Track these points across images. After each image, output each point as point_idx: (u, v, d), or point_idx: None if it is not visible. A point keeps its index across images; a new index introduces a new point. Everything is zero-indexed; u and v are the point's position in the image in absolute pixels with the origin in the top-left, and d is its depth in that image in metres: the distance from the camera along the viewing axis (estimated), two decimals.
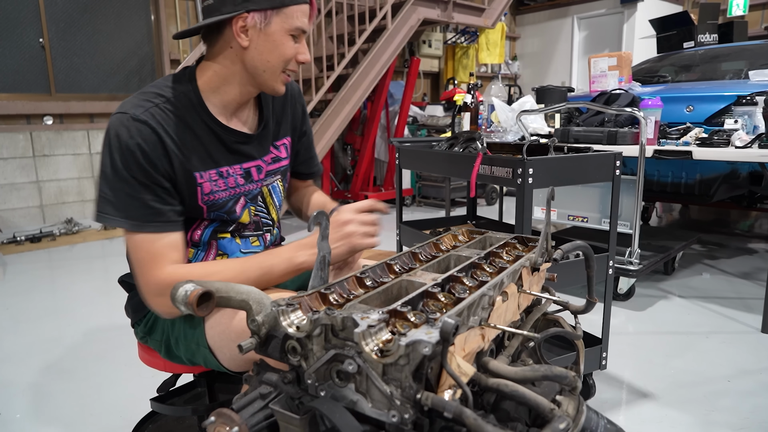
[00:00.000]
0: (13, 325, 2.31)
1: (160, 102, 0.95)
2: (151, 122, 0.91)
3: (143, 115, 0.91)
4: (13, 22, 3.92)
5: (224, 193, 1.01)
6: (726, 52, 3.48)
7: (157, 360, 1.08)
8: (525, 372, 0.63)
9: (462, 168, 1.58)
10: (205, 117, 0.99)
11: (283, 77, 1.01)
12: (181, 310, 0.62)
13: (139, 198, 0.91)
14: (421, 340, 0.51)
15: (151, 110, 0.93)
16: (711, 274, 2.88)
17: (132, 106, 0.92)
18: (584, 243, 0.90)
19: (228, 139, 1.02)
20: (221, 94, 1.00)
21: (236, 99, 1.02)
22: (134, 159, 0.90)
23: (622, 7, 6.59)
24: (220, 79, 0.99)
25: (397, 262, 0.81)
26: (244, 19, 0.94)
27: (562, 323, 0.92)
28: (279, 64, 0.98)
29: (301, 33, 0.98)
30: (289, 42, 0.97)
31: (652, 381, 1.73)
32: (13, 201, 3.92)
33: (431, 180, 5.10)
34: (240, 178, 1.04)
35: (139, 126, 0.90)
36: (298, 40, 0.99)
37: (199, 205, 0.99)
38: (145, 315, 1.06)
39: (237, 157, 1.04)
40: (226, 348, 0.93)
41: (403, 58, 5.93)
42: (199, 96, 0.99)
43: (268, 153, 1.10)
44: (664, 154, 2.20)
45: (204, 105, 0.99)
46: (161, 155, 0.92)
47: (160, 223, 0.92)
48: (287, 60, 0.98)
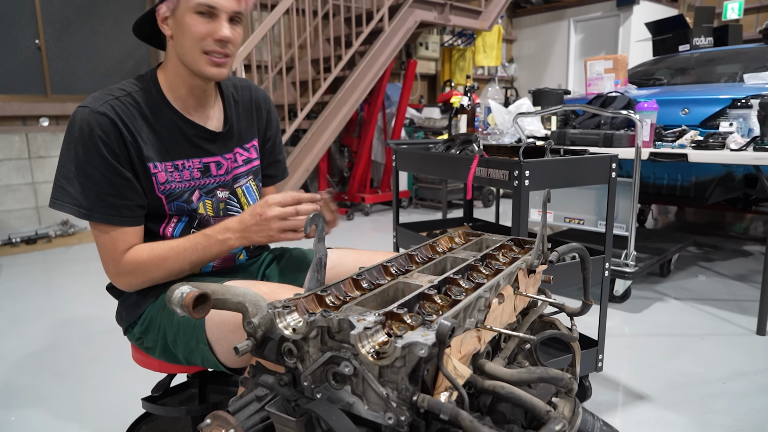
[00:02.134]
0: (8, 327, 2.30)
1: (121, 95, 0.99)
2: (110, 114, 0.96)
3: (102, 108, 0.96)
4: (9, 23, 3.90)
5: (180, 184, 1.04)
6: (721, 55, 3.50)
7: (151, 361, 1.08)
8: (521, 374, 0.63)
9: (459, 170, 1.58)
10: (167, 110, 1.03)
11: (206, 59, 0.98)
12: (177, 312, 0.62)
13: (95, 189, 0.95)
14: (418, 342, 0.51)
15: (110, 102, 0.97)
16: (706, 276, 2.89)
17: (93, 100, 0.98)
18: (580, 245, 0.91)
19: (189, 132, 1.05)
20: (176, 89, 1.04)
21: (189, 92, 1.04)
22: (96, 150, 0.94)
23: (618, 10, 6.63)
24: (172, 74, 1.03)
25: (394, 264, 0.82)
26: (160, 9, 0.98)
27: (558, 325, 0.92)
28: (194, 46, 0.97)
29: (214, 10, 0.95)
30: (198, 21, 0.95)
31: (647, 383, 1.73)
32: (9, 203, 3.90)
33: (428, 182, 5.11)
34: (197, 172, 1.06)
35: (99, 118, 0.95)
36: (212, 18, 0.96)
37: (157, 195, 1.02)
38: (140, 316, 1.05)
39: (197, 151, 1.06)
40: (224, 340, 0.93)
41: (400, 60, 5.94)
42: (160, 90, 1.03)
43: (230, 152, 1.12)
44: (660, 156, 2.21)
45: (165, 99, 1.03)
46: (121, 145, 0.96)
47: (113, 216, 0.96)
48: (200, 39, 0.96)
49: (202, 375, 1.21)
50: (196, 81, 1.02)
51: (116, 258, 0.98)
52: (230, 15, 0.97)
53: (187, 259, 0.98)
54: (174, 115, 1.03)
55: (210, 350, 0.95)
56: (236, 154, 1.14)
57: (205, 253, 0.98)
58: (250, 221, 0.94)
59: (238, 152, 1.14)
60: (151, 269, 0.98)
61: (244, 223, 0.96)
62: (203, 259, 0.99)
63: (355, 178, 4.91)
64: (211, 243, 0.97)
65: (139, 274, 0.99)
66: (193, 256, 0.98)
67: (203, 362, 0.98)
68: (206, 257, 0.99)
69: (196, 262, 0.99)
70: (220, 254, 0.99)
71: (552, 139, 2.57)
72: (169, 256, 0.97)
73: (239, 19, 1.00)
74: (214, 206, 1.09)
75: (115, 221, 0.97)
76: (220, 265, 1.12)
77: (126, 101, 0.99)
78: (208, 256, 0.99)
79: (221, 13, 0.96)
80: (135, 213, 0.99)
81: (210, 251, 0.98)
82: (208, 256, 0.99)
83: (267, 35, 3.77)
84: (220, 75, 1.01)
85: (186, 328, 0.97)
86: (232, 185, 1.13)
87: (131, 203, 0.98)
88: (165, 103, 1.02)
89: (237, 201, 1.14)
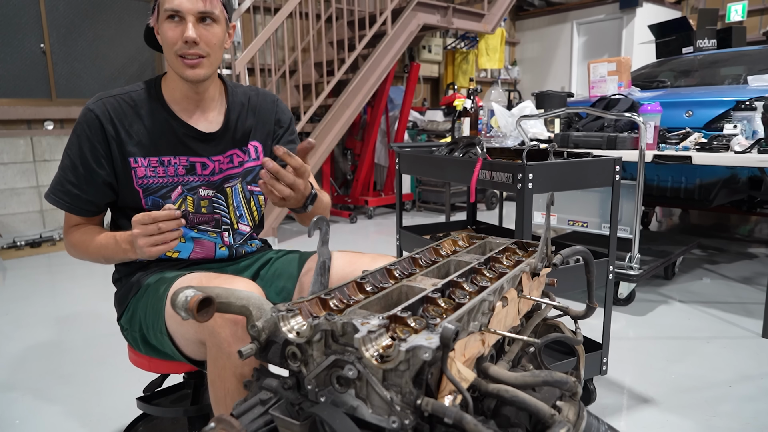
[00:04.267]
0: (13, 330, 2.31)
1: (118, 94, 1.08)
2: (97, 111, 1.05)
3: (93, 105, 1.06)
4: (15, 27, 3.93)
5: (161, 179, 1.09)
6: (725, 57, 3.49)
7: (143, 360, 1.10)
8: (525, 377, 0.63)
9: (462, 173, 1.58)
10: (161, 109, 1.09)
11: (181, 62, 1.03)
12: (181, 315, 0.62)
13: (62, 175, 1.07)
14: (422, 346, 0.51)
15: (104, 100, 1.07)
16: (711, 278, 2.88)
17: (94, 99, 1.08)
18: (584, 248, 0.90)
19: (179, 131, 1.10)
20: (172, 92, 1.10)
21: (184, 95, 1.10)
22: (78, 142, 1.06)
23: (621, 12, 6.62)
24: (170, 78, 1.10)
25: (397, 268, 0.81)
26: (150, 23, 1.07)
27: (563, 328, 0.92)
28: (169, 51, 1.03)
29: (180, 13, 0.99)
30: (169, 26, 1.01)
31: (652, 386, 1.72)
32: (14, 206, 3.92)
33: (431, 185, 5.10)
34: (181, 169, 1.11)
35: (88, 114, 1.06)
36: (180, 22, 1.01)
37: (135, 188, 1.08)
38: (126, 306, 1.11)
39: (184, 150, 1.11)
40: (178, 333, 0.97)
41: (403, 63, 5.95)
42: (159, 92, 1.10)
43: (222, 154, 1.15)
44: (664, 159, 2.20)
45: (162, 99, 1.10)
46: (101, 140, 1.05)
47: (64, 202, 1.07)
48: (172, 44, 1.02)
49: (197, 375, 1.22)
50: (186, 85, 1.08)
51: (65, 230, 1.12)
52: (197, 16, 1.01)
53: (101, 254, 1.06)
54: (167, 114, 1.09)
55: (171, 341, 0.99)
56: (232, 155, 1.16)
57: (113, 255, 1.04)
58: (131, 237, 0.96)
59: (235, 153, 1.17)
60: (79, 250, 1.10)
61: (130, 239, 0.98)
62: (114, 259, 1.06)
63: (358, 181, 4.91)
64: (118, 249, 1.02)
65: (73, 250, 1.11)
66: (106, 253, 1.05)
67: (174, 355, 1.01)
68: (115, 258, 1.05)
69: (109, 258, 1.06)
70: (125, 260, 1.05)
71: (555, 142, 2.56)
72: (90, 246, 1.07)
73: (212, 18, 1.03)
74: (195, 203, 1.13)
75: (64, 207, 1.08)
76: (200, 256, 1.16)
77: (122, 99, 1.07)
78: (117, 258, 1.05)
79: (187, 15, 1.00)
80: (86, 206, 1.09)
81: (117, 255, 1.03)
82: (117, 258, 1.05)
83: (270, 39, 3.78)
84: (195, 76, 1.04)
85: (153, 319, 1.02)
86: (222, 185, 1.16)
87: (85, 197, 1.07)
88: (160, 103, 1.09)
89: (225, 201, 1.17)
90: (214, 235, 1.17)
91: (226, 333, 0.85)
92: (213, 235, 1.16)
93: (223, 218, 1.17)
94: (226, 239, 1.18)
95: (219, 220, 1.16)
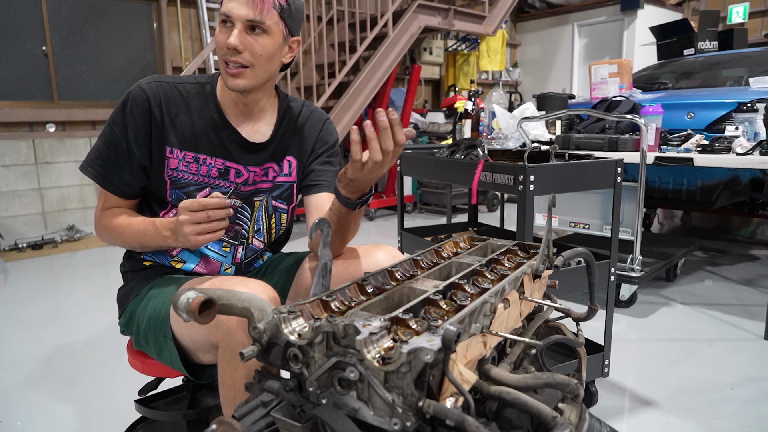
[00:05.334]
0: (14, 332, 2.31)
1: (174, 81, 1.07)
2: (148, 92, 1.03)
3: (146, 86, 1.04)
4: (17, 30, 3.94)
5: (192, 176, 1.07)
6: (726, 59, 3.49)
7: (144, 365, 1.09)
8: (527, 379, 0.63)
9: (463, 175, 1.58)
10: (212, 107, 1.07)
11: (224, 68, 1.01)
12: (183, 317, 0.62)
13: (102, 149, 1.03)
14: (423, 348, 0.51)
15: (159, 83, 1.05)
16: (713, 280, 2.87)
17: (148, 80, 1.05)
18: (585, 250, 0.90)
19: (223, 133, 1.08)
20: (222, 93, 1.09)
21: (232, 101, 1.08)
22: (122, 117, 1.02)
23: (622, 14, 6.62)
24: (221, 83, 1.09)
25: (399, 269, 0.81)
26: None
27: (564, 330, 0.92)
28: (218, 55, 1.02)
29: (230, 18, 0.97)
30: (221, 30, 1.00)
31: (654, 388, 1.72)
32: (15, 208, 3.93)
33: (432, 186, 5.10)
34: (215, 171, 1.08)
35: (138, 92, 1.03)
36: (231, 29, 0.98)
37: (163, 178, 1.06)
38: (126, 307, 1.10)
39: (223, 153, 1.09)
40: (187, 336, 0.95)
41: (404, 65, 5.96)
42: (214, 90, 1.08)
43: (260, 166, 1.12)
44: (665, 160, 2.20)
45: (215, 98, 1.08)
46: (145, 121, 1.03)
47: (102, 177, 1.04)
48: (219, 48, 1.01)
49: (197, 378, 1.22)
50: (233, 92, 1.06)
51: (98, 213, 1.08)
52: (245, 24, 0.97)
53: (137, 239, 1.02)
54: (216, 114, 1.08)
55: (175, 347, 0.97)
56: (268, 169, 1.14)
57: (151, 241, 1.00)
58: (175, 225, 0.93)
59: (271, 167, 1.14)
60: (112, 234, 1.06)
61: (173, 226, 0.95)
62: (150, 246, 1.02)
63: None
64: (157, 236, 0.99)
65: (105, 233, 1.07)
66: (143, 240, 1.01)
67: (171, 361, 1.00)
68: (152, 245, 1.02)
69: (146, 245, 1.03)
70: (163, 247, 1.02)
71: (557, 144, 2.57)
72: (125, 231, 1.03)
73: (263, 29, 0.99)
74: None
75: (101, 183, 1.05)
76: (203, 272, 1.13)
77: (175, 87, 1.06)
78: (154, 245, 1.01)
79: (236, 21, 0.98)
80: (122, 185, 1.05)
81: (155, 242, 1.00)
82: (154, 245, 1.01)
83: None
84: (234, 85, 1.01)
85: (155, 323, 1.00)
86: (252, 197, 1.13)
87: (122, 175, 1.04)
88: (212, 101, 1.08)
89: (250, 213, 1.14)
90: (228, 250, 1.13)
91: (242, 336, 0.84)
92: (227, 250, 1.13)
93: (243, 230, 1.14)
94: (239, 254, 1.15)
95: (239, 231, 1.14)
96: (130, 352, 1.12)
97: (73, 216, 4.20)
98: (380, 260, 1.06)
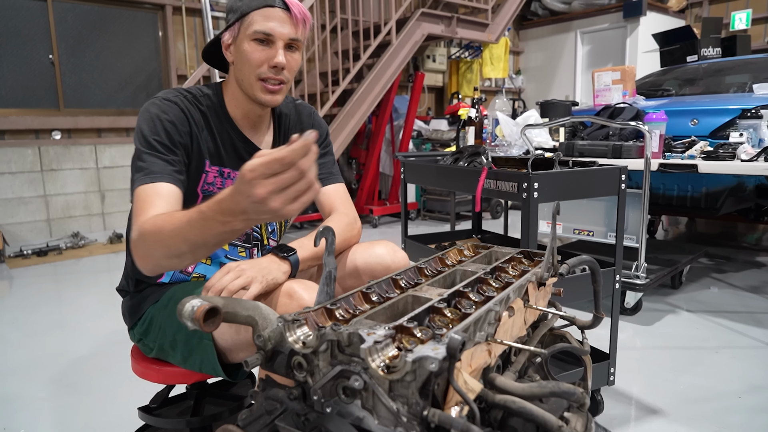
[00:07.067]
0: (19, 338, 2.31)
1: (188, 95, 1.05)
2: (181, 104, 1.01)
3: (174, 98, 1.02)
4: (24, 38, 3.98)
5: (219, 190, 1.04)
6: (730, 65, 3.49)
7: (150, 372, 1.09)
8: (532, 388, 0.62)
9: (467, 182, 1.58)
10: (225, 121, 1.08)
11: (261, 85, 1.01)
12: (187, 326, 0.62)
13: (154, 157, 0.95)
14: (428, 357, 0.51)
15: (180, 97, 1.03)
16: (719, 287, 2.85)
17: (163, 94, 1.03)
18: (590, 257, 0.90)
19: (239, 145, 1.09)
20: (233, 109, 1.09)
21: (244, 115, 1.09)
22: (161, 125, 0.98)
23: (625, 21, 6.63)
24: (231, 95, 1.08)
25: (403, 277, 0.81)
26: (223, 37, 1.03)
27: (569, 338, 0.91)
28: (251, 72, 1.00)
29: (270, 37, 0.98)
30: (256, 48, 0.99)
31: (661, 397, 1.70)
32: (21, 215, 3.95)
33: (436, 194, 5.11)
34: None
35: (169, 105, 1.00)
36: (269, 45, 0.99)
37: (197, 192, 1.05)
38: (141, 316, 1.09)
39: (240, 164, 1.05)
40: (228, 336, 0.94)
41: (408, 72, 5.98)
42: (221, 100, 1.08)
43: None
44: (670, 167, 2.20)
45: (225, 109, 1.08)
46: (185, 131, 1.01)
47: (158, 174, 0.94)
48: (257, 66, 1.00)
49: (200, 387, 1.22)
50: (252, 106, 1.07)
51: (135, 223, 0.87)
52: (286, 42, 0.99)
53: (181, 234, 0.77)
54: (229, 127, 1.08)
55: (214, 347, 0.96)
56: None
57: (203, 233, 0.74)
58: (245, 203, 0.65)
59: None
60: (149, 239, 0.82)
61: (240, 205, 0.66)
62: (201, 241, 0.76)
63: (363, 190, 4.92)
64: (212, 223, 0.72)
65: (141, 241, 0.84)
66: (191, 234, 0.76)
67: (201, 363, 0.99)
68: (206, 239, 0.75)
69: (194, 241, 0.76)
70: (220, 240, 0.76)
71: (560, 151, 2.57)
72: (164, 228, 0.79)
73: (297, 46, 1.02)
74: None
75: (147, 180, 0.92)
76: None
77: (192, 101, 1.04)
78: (206, 237, 0.75)
79: (277, 40, 0.99)
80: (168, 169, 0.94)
81: (210, 230, 0.73)
82: (209, 238, 0.75)
83: None
84: (273, 101, 1.04)
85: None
86: None
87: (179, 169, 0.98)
88: (224, 114, 1.08)
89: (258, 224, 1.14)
90: (244, 254, 1.14)
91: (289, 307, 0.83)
92: (243, 255, 1.14)
93: (254, 233, 1.15)
94: (255, 256, 1.15)
95: (250, 234, 1.15)
96: (135, 360, 1.12)
97: (77, 223, 4.21)
98: (380, 254, 1.07)
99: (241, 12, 0.99)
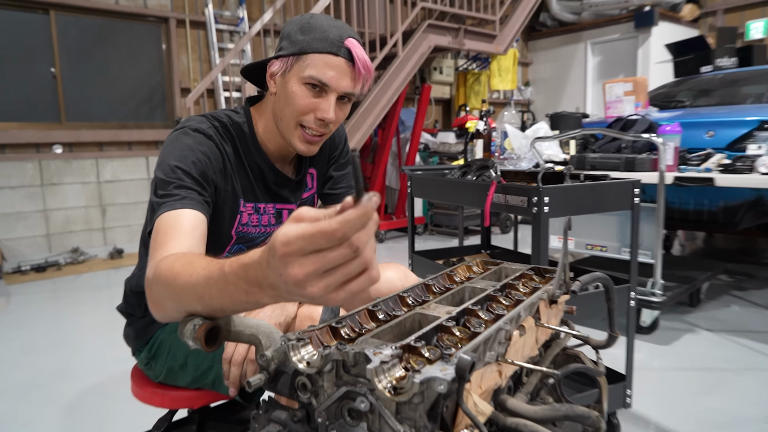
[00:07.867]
0: (16, 357, 2.28)
1: (219, 125, 0.96)
2: (215, 138, 0.93)
3: (208, 130, 0.92)
4: (26, 52, 3.99)
5: (256, 229, 1.02)
6: (746, 76, 3.44)
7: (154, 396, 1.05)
8: (545, 411, 0.60)
9: (475, 196, 1.57)
10: (255, 151, 1.00)
11: (300, 133, 0.94)
12: (189, 345, 0.61)
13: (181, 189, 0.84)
14: (436, 378, 0.49)
15: (213, 129, 0.94)
16: (740, 305, 2.78)
17: (195, 124, 0.93)
18: (604, 274, 0.88)
19: (271, 178, 1.03)
20: (265, 139, 1.01)
21: (276, 147, 1.02)
22: (195, 157, 0.87)
23: (636, 31, 6.61)
24: (264, 125, 1.00)
25: (410, 295, 0.79)
26: (272, 64, 0.94)
27: (583, 359, 0.88)
28: (292, 116, 0.92)
29: (326, 87, 0.90)
30: (306, 93, 0.90)
31: (680, 421, 1.64)
32: (20, 230, 3.91)
33: (444, 208, 5.08)
34: (272, 218, 1.05)
35: (204, 138, 0.91)
36: (320, 94, 0.91)
37: (230, 234, 0.99)
38: (149, 340, 1.05)
39: (272, 197, 1.04)
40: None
41: (415, 84, 6.00)
42: (252, 130, 1.00)
43: (298, 200, 1.10)
44: (685, 181, 2.16)
45: (255, 139, 1.00)
46: (219, 169, 0.92)
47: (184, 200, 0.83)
48: (301, 112, 0.91)
49: (203, 411, 1.19)
50: (284, 144, 1.00)
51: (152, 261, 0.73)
52: (340, 94, 0.93)
53: (194, 291, 0.61)
54: (261, 159, 1.01)
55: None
56: (300, 201, 1.12)
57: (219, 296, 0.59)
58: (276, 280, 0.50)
59: (303, 198, 1.12)
60: (162, 283, 0.67)
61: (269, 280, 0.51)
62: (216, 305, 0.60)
63: None
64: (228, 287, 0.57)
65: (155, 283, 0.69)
66: (203, 291, 0.60)
67: (213, 384, 0.96)
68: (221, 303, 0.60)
69: (209, 304, 0.61)
70: (238, 308, 0.60)
71: (571, 164, 2.54)
72: (179, 276, 0.64)
73: (350, 99, 0.95)
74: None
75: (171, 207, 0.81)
76: None
77: (223, 132, 0.96)
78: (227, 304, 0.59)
79: (331, 91, 0.91)
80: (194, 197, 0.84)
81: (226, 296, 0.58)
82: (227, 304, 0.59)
83: None
84: (309, 152, 0.97)
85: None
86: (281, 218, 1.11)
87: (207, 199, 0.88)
88: (255, 145, 1.00)
89: None
90: None
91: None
92: None
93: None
94: None
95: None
96: (137, 384, 1.08)
97: (77, 238, 4.18)
98: (390, 278, 1.02)
99: (300, 49, 0.90)
